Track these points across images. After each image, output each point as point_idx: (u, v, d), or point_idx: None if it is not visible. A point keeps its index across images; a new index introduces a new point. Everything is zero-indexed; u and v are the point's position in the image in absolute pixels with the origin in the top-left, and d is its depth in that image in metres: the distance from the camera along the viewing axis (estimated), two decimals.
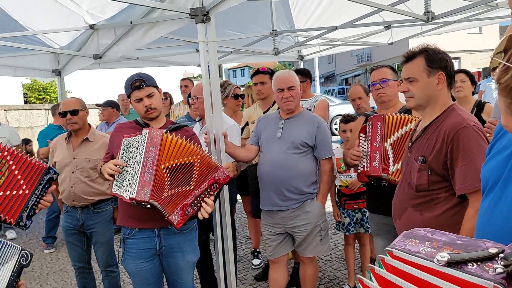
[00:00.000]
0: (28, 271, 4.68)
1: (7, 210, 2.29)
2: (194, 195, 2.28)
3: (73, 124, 3.21)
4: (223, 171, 2.38)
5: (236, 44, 5.77)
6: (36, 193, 2.40)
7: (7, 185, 2.31)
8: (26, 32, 4.51)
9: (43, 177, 2.42)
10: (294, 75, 2.94)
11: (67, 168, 3.20)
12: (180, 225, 2.26)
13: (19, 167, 2.35)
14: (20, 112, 9.65)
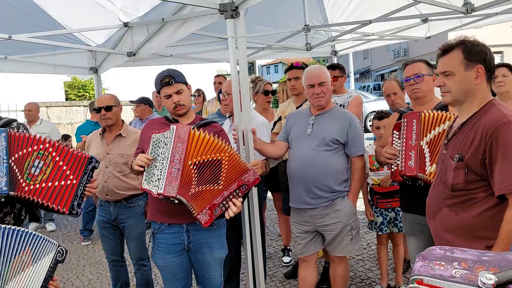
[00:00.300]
0: (65, 262, 4.83)
1: (58, 200, 2.37)
2: (223, 195, 2.29)
3: (107, 120, 3.29)
4: (253, 173, 2.36)
5: (268, 40, 5.72)
6: (83, 182, 2.47)
7: (54, 176, 2.39)
8: (64, 31, 4.64)
9: (87, 166, 2.49)
10: (325, 70, 2.88)
11: (101, 163, 3.26)
12: (207, 224, 2.27)
13: (63, 158, 2.42)
14: (61, 109, 10.01)
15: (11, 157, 2.36)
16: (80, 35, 4.99)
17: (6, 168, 2.32)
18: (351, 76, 11.06)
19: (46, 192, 2.38)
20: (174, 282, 2.59)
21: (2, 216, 2.58)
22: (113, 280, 3.55)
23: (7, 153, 2.35)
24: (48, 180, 2.39)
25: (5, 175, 2.31)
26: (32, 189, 2.36)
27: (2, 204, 2.55)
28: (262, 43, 5.71)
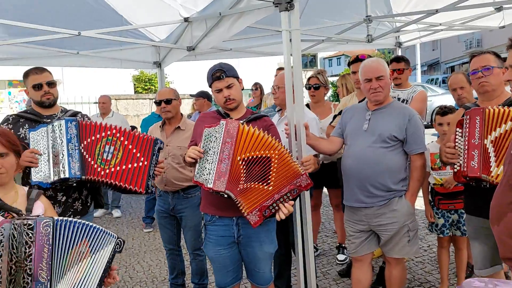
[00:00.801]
0: (128, 248, 5.09)
1: (134, 181, 2.55)
2: (273, 198, 2.28)
3: (167, 113, 3.39)
4: (305, 177, 2.34)
5: (328, 32, 5.59)
6: (153, 162, 2.63)
7: (126, 159, 2.56)
8: (130, 27, 4.84)
9: (154, 148, 2.64)
10: (383, 63, 2.75)
11: (161, 154, 3.36)
12: (256, 225, 2.29)
13: (131, 142, 2.59)
14: (128, 101, 10.52)
15: (81, 144, 2.52)
16: (145, 30, 5.17)
17: (78, 154, 2.48)
18: (417, 69, 10.54)
19: (122, 174, 2.54)
20: (225, 274, 2.62)
21: (71, 201, 2.77)
22: (169, 268, 3.66)
23: (78, 140, 2.51)
24: (122, 164, 2.54)
25: (77, 161, 2.47)
26: (108, 173, 2.52)
27: (71, 189, 2.73)
28: (322, 36, 5.59)
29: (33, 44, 5.10)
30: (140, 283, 4.09)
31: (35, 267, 1.78)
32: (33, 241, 1.78)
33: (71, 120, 2.54)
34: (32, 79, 2.78)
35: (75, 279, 1.87)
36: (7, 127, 2.72)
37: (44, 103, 2.80)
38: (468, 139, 2.25)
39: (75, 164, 2.47)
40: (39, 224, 1.80)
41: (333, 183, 3.94)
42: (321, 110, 3.89)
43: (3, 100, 15.81)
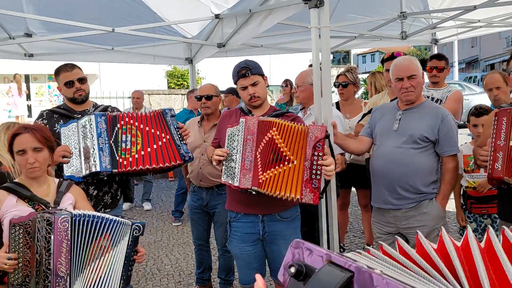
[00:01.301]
0: (157, 240, 5.19)
1: (167, 158, 2.58)
2: (306, 167, 2.20)
3: (206, 109, 3.38)
4: (314, 127, 2.23)
5: (360, 28, 5.49)
6: (173, 132, 2.62)
7: (148, 141, 2.58)
8: (163, 23, 4.93)
9: (166, 119, 2.63)
10: (415, 62, 2.66)
11: (198, 150, 3.37)
12: (317, 200, 2.19)
13: (145, 123, 2.61)
14: (161, 97, 10.71)
15: (111, 138, 2.58)
16: (177, 27, 5.26)
17: (108, 148, 2.55)
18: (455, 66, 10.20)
19: (151, 157, 2.57)
20: (249, 271, 2.62)
21: (101, 195, 2.84)
22: (197, 263, 3.70)
23: (108, 134, 2.57)
24: (146, 147, 2.57)
25: (108, 155, 2.53)
26: (132, 161, 2.55)
27: (102, 183, 2.81)
28: (354, 32, 5.50)
29: (70, 40, 5.28)
30: (168, 276, 4.16)
31: (54, 261, 1.83)
32: (51, 236, 1.83)
33: (101, 115, 2.60)
34: (63, 76, 2.85)
35: (98, 272, 1.91)
36: (42, 122, 2.81)
37: (76, 100, 2.86)
38: (494, 140, 2.19)
39: (106, 158, 2.53)
40: (57, 219, 1.84)
41: (362, 183, 3.87)
42: (351, 108, 3.83)
43: (44, 94, 16.44)
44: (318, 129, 2.21)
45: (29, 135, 2.05)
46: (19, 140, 2.05)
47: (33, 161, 2.03)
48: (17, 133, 2.06)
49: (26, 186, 2.06)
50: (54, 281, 1.83)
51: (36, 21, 4.60)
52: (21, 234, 1.84)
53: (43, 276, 1.83)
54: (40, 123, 2.80)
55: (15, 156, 2.06)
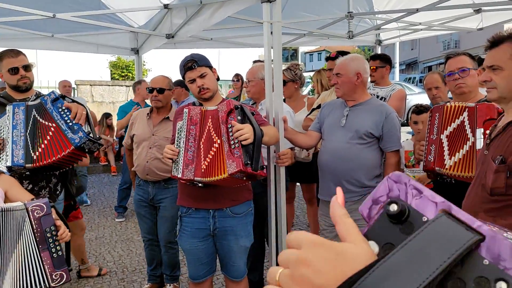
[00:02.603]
0: (99, 237, 5.00)
1: (59, 148, 2.47)
2: (224, 142, 2.18)
3: (157, 102, 3.26)
4: (224, 105, 2.24)
5: (309, 26, 5.58)
6: (58, 119, 2.49)
7: (43, 134, 2.50)
8: (107, 11, 4.71)
9: (47, 107, 2.52)
10: (345, 61, 2.74)
11: (145, 143, 3.27)
12: (241, 165, 2.09)
13: (39, 114, 2.54)
14: (104, 88, 10.29)
15: (27, 130, 2.44)
16: (123, 15, 5.05)
17: (23, 141, 2.41)
18: (396, 67, 10.66)
19: (48, 151, 2.48)
20: (198, 267, 2.60)
21: (37, 189, 2.68)
22: (147, 260, 3.59)
23: (25, 126, 2.43)
24: (43, 140, 2.50)
25: (22, 148, 2.39)
26: (43, 155, 2.46)
27: (38, 177, 2.65)
28: (303, 30, 5.58)
29: (6, 25, 4.91)
30: (110, 273, 4.02)
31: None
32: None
33: (19, 105, 2.47)
34: (7, 62, 2.68)
35: (16, 269, 1.79)
36: None
37: (20, 88, 2.71)
38: (428, 135, 2.36)
39: (19, 152, 2.40)
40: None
41: (307, 178, 3.96)
42: (294, 104, 3.89)
43: None
44: (224, 104, 2.23)
45: None
46: None
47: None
48: None
49: None
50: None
51: None
52: None
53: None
54: None
55: None
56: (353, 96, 2.74)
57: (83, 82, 10.42)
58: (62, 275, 1.83)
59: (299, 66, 3.90)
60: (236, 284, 2.65)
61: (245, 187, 2.52)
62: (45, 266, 1.81)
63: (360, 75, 2.68)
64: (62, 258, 1.87)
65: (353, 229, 0.55)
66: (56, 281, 1.82)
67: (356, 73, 2.68)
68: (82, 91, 10.31)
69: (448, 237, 0.48)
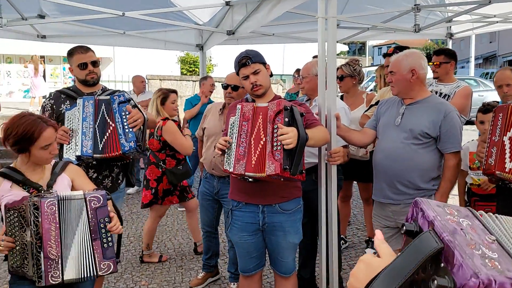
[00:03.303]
0: (162, 224, 5.25)
1: (113, 147, 2.61)
2: (268, 142, 2.19)
3: (231, 99, 3.28)
4: (274, 104, 2.21)
5: (375, 19, 5.40)
6: (118, 121, 2.61)
7: (103, 128, 2.66)
8: (174, 8, 4.90)
9: (113, 106, 2.63)
10: (398, 58, 2.63)
11: (214, 137, 3.32)
12: (279, 169, 2.09)
13: (95, 109, 2.67)
14: (172, 82, 10.73)
15: (97, 123, 2.61)
16: (189, 13, 5.23)
17: (92, 133, 2.58)
18: (471, 62, 10.02)
19: (108, 145, 2.62)
20: (248, 260, 2.65)
21: (101, 178, 2.88)
22: (204, 249, 3.72)
23: (93, 119, 2.60)
24: (104, 135, 2.64)
25: (90, 139, 2.56)
26: (110, 147, 2.62)
27: (102, 166, 2.84)
28: (367, 24, 5.42)
29: (82, 23, 5.30)
30: (170, 260, 4.22)
31: (44, 245, 1.85)
32: (39, 220, 1.85)
33: (88, 99, 2.63)
34: (77, 58, 2.87)
35: (80, 249, 1.94)
36: (49, 102, 2.85)
37: (88, 82, 2.89)
38: (490, 136, 2.20)
39: (88, 142, 2.56)
40: (43, 204, 1.85)
41: (363, 177, 3.87)
42: (352, 100, 3.80)
43: (58, 75, 16.58)
44: (275, 104, 2.22)
45: (51, 129, 2.06)
46: (45, 135, 2.01)
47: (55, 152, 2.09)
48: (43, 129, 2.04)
49: (20, 171, 2.06)
50: (46, 264, 1.85)
51: (49, 3, 4.61)
52: (16, 218, 1.87)
53: (35, 259, 1.86)
54: (47, 103, 2.85)
55: (40, 150, 2.01)
56: (410, 94, 2.62)
57: (153, 77, 10.95)
58: (109, 265, 1.96)
59: (359, 62, 3.80)
60: (285, 279, 2.67)
61: (294, 184, 2.52)
62: (95, 254, 1.94)
63: (415, 71, 2.55)
64: (112, 250, 1.99)
65: (385, 249, 0.80)
66: (103, 270, 1.95)
67: (411, 69, 2.56)
68: (152, 85, 10.84)
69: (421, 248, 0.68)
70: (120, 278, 3.79)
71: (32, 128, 1.98)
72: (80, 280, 1.94)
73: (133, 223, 5.30)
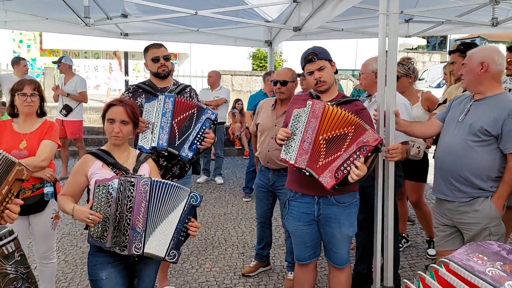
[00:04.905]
0: (227, 213, 5.50)
1: (173, 144, 2.83)
2: (342, 158, 2.31)
3: (281, 94, 3.42)
4: (371, 132, 2.31)
5: (449, 13, 5.18)
6: (196, 129, 2.84)
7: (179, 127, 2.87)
8: (245, 6, 5.09)
9: (201, 116, 2.86)
10: (472, 51, 2.55)
11: (268, 132, 3.46)
12: (330, 186, 2.31)
13: (183, 110, 2.88)
14: (243, 78, 11.04)
15: (174, 119, 2.84)
16: (259, 10, 5.39)
17: (169, 128, 2.81)
18: None
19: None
20: (303, 249, 2.75)
21: (170, 166, 3.14)
22: (258, 239, 3.87)
23: (172, 115, 2.83)
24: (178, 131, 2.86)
25: (167, 133, 2.80)
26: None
27: (169, 156, 3.09)
28: (440, 18, 5.21)
29: (161, 21, 5.69)
30: (233, 246, 4.43)
31: (133, 218, 2.12)
32: (134, 196, 2.12)
33: (170, 96, 2.86)
34: (151, 52, 3.15)
35: (162, 231, 2.17)
36: (128, 95, 3.13)
37: (159, 74, 3.14)
38: None
39: (164, 136, 2.79)
40: (139, 182, 2.13)
41: (414, 176, 3.88)
42: (408, 99, 3.73)
43: (140, 70, 17.67)
44: (374, 136, 2.31)
45: (122, 108, 2.31)
46: (112, 110, 2.32)
47: (118, 131, 2.29)
48: (113, 104, 2.34)
49: (111, 153, 2.34)
50: (132, 236, 2.11)
51: (131, 4, 5.02)
52: (103, 194, 2.12)
53: (122, 230, 2.11)
54: (126, 96, 3.14)
55: (105, 122, 2.33)
56: (478, 88, 2.54)
57: (225, 72, 11.32)
58: (175, 255, 2.18)
59: (411, 60, 3.72)
60: (339, 271, 2.73)
61: None
62: (171, 241, 2.18)
63: (486, 64, 2.47)
64: (181, 243, 2.23)
65: None
66: (170, 257, 2.17)
67: (481, 62, 2.48)
68: (223, 80, 11.21)
69: None
70: (187, 260, 4.07)
71: (108, 103, 2.36)
72: (157, 257, 2.17)
73: (200, 210, 5.60)
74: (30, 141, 2.82)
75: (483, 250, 0.76)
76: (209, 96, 6.67)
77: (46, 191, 2.84)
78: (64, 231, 4.78)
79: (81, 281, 3.63)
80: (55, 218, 2.96)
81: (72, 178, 2.32)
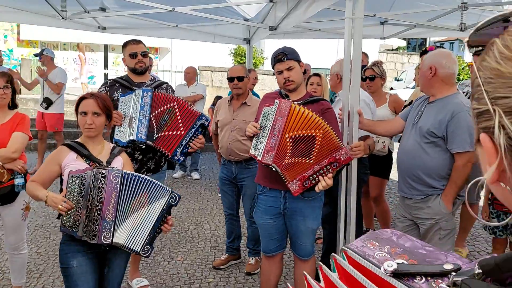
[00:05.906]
0: (202, 208, 5.58)
1: (167, 145, 2.91)
2: (313, 169, 2.44)
3: (238, 89, 3.61)
4: (345, 152, 2.44)
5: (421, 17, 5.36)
6: (189, 134, 2.93)
7: (171, 127, 2.92)
8: (223, 4, 5.15)
9: (196, 122, 2.95)
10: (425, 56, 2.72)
11: (227, 127, 3.64)
12: (297, 193, 2.46)
13: (181, 113, 2.93)
14: (223, 74, 11.08)
15: (152, 113, 2.90)
16: (238, 8, 5.46)
17: (147, 121, 2.88)
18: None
19: (163, 139, 2.90)
20: (269, 241, 2.87)
21: (146, 160, 3.19)
22: (227, 232, 3.99)
23: (150, 109, 2.89)
24: (167, 130, 2.91)
25: (145, 127, 2.86)
26: (158, 138, 2.89)
27: (145, 150, 3.15)
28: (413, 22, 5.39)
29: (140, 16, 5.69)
30: (205, 240, 4.52)
31: (103, 209, 2.19)
32: (104, 187, 2.19)
33: (147, 90, 2.92)
34: (129, 48, 3.20)
35: (134, 223, 2.25)
36: (104, 89, 3.18)
37: (136, 70, 3.20)
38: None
39: (143, 129, 2.86)
40: (110, 174, 2.21)
41: (378, 172, 4.04)
42: (376, 100, 3.90)
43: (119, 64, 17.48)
44: (347, 155, 2.44)
45: (93, 101, 2.37)
46: (84, 103, 2.38)
47: (91, 123, 2.35)
48: (84, 97, 2.40)
49: (85, 146, 2.40)
50: (101, 225, 2.18)
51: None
52: (77, 184, 2.19)
53: (92, 220, 2.18)
54: (103, 90, 3.18)
55: (78, 115, 2.39)
56: (430, 90, 2.70)
57: (205, 68, 11.35)
58: (149, 250, 2.27)
59: (383, 63, 3.94)
60: (303, 262, 2.86)
61: None
62: (148, 237, 2.26)
63: (434, 68, 2.62)
64: (154, 239, 2.31)
65: None
66: (144, 252, 2.26)
67: (429, 66, 2.64)
68: (203, 76, 11.25)
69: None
70: (159, 253, 4.14)
71: (80, 97, 2.43)
72: (125, 248, 2.24)
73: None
74: (2, 133, 2.85)
75: (376, 237, 0.87)
76: (186, 92, 6.71)
77: (16, 183, 2.87)
78: (37, 223, 4.79)
79: (53, 272, 3.66)
80: (25, 210, 3.00)
81: (45, 167, 2.37)
